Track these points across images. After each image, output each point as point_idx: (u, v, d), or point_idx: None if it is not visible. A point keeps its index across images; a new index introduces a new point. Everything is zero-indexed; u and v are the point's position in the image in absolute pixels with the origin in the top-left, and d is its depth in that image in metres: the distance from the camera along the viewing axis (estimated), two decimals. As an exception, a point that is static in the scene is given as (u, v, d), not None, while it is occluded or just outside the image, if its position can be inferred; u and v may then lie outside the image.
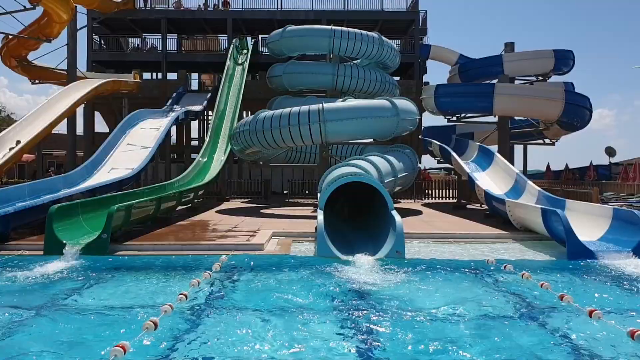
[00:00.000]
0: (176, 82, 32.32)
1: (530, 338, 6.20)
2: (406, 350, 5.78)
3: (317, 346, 5.86)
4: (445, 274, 9.54)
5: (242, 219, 17.21)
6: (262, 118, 18.63)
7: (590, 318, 6.62)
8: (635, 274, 9.75)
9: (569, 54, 27.86)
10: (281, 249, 12.15)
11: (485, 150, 21.03)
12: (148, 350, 5.60)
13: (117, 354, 5.26)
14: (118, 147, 20.99)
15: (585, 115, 24.64)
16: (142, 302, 7.80)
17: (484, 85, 25.74)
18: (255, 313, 7.15)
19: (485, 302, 7.73)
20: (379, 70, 26.03)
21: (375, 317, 6.90)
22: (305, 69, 25.83)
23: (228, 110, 26.89)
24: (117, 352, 5.28)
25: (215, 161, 23.66)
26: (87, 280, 9.28)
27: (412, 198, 25.89)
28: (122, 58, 34.00)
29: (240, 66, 30.34)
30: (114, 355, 5.24)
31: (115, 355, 5.24)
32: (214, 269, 9.50)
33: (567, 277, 9.69)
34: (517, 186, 17.24)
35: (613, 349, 5.80)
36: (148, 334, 5.92)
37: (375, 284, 8.74)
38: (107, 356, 5.38)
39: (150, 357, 5.51)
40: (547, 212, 12.62)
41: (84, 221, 12.85)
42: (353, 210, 15.80)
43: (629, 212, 12.32)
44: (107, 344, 5.94)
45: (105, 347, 5.84)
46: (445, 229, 15.16)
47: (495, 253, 11.70)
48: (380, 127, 18.70)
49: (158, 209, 15.06)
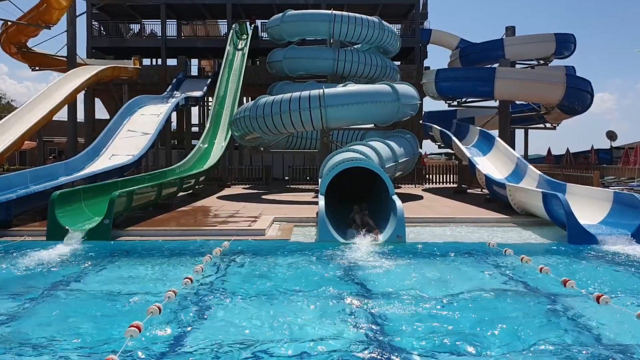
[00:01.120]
0: (176, 68, 32.22)
1: (534, 323, 6.23)
2: (407, 333, 5.82)
3: (318, 330, 5.90)
4: (445, 258, 9.58)
5: (243, 204, 17.25)
6: (262, 104, 18.59)
7: (598, 303, 6.62)
8: (635, 257, 9.79)
9: (570, 37, 27.71)
10: (282, 234, 12.19)
11: (486, 135, 21.01)
12: (152, 334, 5.64)
13: (133, 334, 5.31)
14: (119, 133, 20.96)
15: (586, 99, 24.59)
16: (145, 287, 7.85)
17: (485, 69, 25.66)
18: (257, 298, 7.20)
19: (486, 285, 7.78)
20: (379, 55, 25.93)
21: (375, 301, 6.94)
22: (305, 54, 25.75)
23: (228, 96, 26.82)
24: (133, 332, 5.32)
25: (216, 147, 23.65)
26: (90, 266, 9.34)
27: (413, 183, 25.89)
28: (122, 44, 33.86)
29: (240, 51, 30.22)
30: (130, 335, 5.28)
31: (131, 335, 5.29)
32: (215, 254, 9.55)
33: (567, 261, 9.74)
34: (518, 170, 17.24)
35: (622, 332, 5.83)
36: (152, 319, 5.97)
37: (376, 268, 8.78)
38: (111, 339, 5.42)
39: (154, 341, 5.55)
40: (548, 195, 12.64)
41: (85, 207, 12.89)
42: (354, 195, 15.81)
43: (629, 196, 12.33)
44: (112, 328, 6.01)
45: (110, 331, 5.90)
46: (446, 213, 15.19)
47: (496, 237, 11.73)
48: (381, 112, 18.66)
49: (159, 195, 15.10)
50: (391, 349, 5.38)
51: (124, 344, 5.13)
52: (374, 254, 9.84)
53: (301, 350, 5.34)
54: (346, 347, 5.41)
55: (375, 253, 9.95)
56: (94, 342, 5.58)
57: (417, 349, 5.36)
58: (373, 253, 9.93)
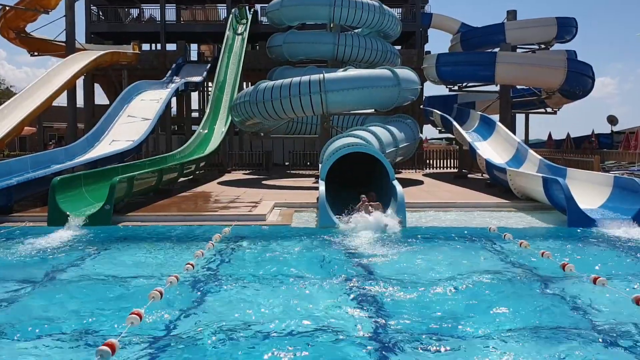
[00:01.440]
0: (175, 53, 32.02)
1: (533, 305, 6.27)
2: (407, 316, 5.85)
3: (318, 314, 5.92)
4: (445, 242, 9.62)
5: (243, 190, 17.26)
6: (262, 89, 18.53)
7: (595, 285, 6.67)
8: (635, 241, 9.81)
9: (571, 21, 27.56)
10: (283, 220, 12.22)
11: (487, 120, 20.98)
12: (152, 319, 5.67)
13: (134, 322, 5.33)
14: (118, 119, 20.92)
15: (587, 83, 24.51)
16: (147, 272, 7.89)
17: (486, 54, 25.54)
18: (258, 282, 7.24)
19: (486, 269, 7.80)
20: (380, 40, 25.78)
21: (375, 284, 6.97)
22: (305, 38, 25.60)
23: (228, 81, 26.72)
24: (134, 320, 5.34)
25: (216, 133, 23.61)
26: (91, 251, 9.37)
27: (414, 168, 25.88)
28: (121, 29, 33.65)
29: (240, 36, 30.04)
30: (130, 323, 5.30)
31: (132, 323, 5.31)
32: (215, 239, 9.57)
33: (567, 245, 9.76)
34: (518, 155, 17.23)
35: (619, 315, 5.86)
36: (154, 304, 6.00)
37: (376, 253, 8.81)
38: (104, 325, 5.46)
39: (154, 325, 5.58)
40: (548, 180, 12.64)
41: (86, 193, 12.90)
42: (355, 180, 15.82)
43: (630, 180, 12.35)
44: (114, 313, 6.04)
45: (112, 316, 5.94)
46: (446, 198, 15.20)
47: (497, 221, 11.75)
48: (382, 96, 18.61)
49: (160, 181, 15.10)
50: (393, 331, 5.41)
51: (124, 329, 5.16)
52: (374, 239, 9.85)
53: (303, 332, 5.38)
54: (348, 329, 5.45)
55: (376, 238, 9.96)
56: (95, 327, 5.62)
57: (419, 331, 5.40)
58: (373, 238, 9.95)
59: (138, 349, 4.99)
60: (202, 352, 4.93)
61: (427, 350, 4.99)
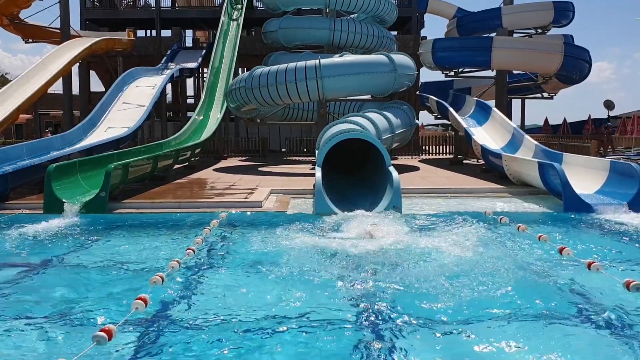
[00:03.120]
0: (170, 39, 31.86)
1: (528, 289, 6.31)
2: (404, 304, 5.88)
3: (314, 301, 5.94)
4: (442, 227, 9.63)
5: (240, 177, 17.25)
6: (257, 75, 18.44)
7: (589, 270, 6.71)
8: (631, 226, 9.86)
9: (568, 5, 27.41)
10: (279, 206, 12.22)
11: (483, 105, 20.95)
12: (152, 304, 5.69)
13: (139, 307, 5.35)
14: (114, 106, 20.85)
15: (584, 68, 24.46)
16: (144, 259, 7.91)
17: (482, 39, 25.42)
18: (254, 269, 7.26)
19: (482, 254, 7.82)
20: (376, 25, 25.65)
21: (373, 271, 7.00)
22: (301, 23, 25.43)
23: (223, 67, 26.61)
24: (139, 305, 5.36)
25: (212, 119, 23.57)
26: (88, 238, 9.39)
27: (410, 154, 25.86)
28: (116, 16, 33.43)
29: (235, 22, 29.85)
30: (135, 308, 5.32)
31: (137, 308, 5.32)
32: (212, 225, 9.59)
33: (563, 230, 9.81)
34: (514, 140, 17.24)
35: (609, 299, 5.90)
36: (155, 288, 6.03)
37: (372, 239, 8.82)
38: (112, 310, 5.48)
39: (154, 311, 5.60)
40: (544, 165, 12.66)
41: (82, 180, 12.89)
42: (351, 166, 15.84)
43: (626, 165, 12.35)
44: (110, 299, 6.07)
45: (109, 302, 5.96)
46: (442, 184, 15.22)
47: (492, 207, 11.77)
48: (378, 82, 18.56)
49: (155, 168, 15.08)
50: (391, 318, 5.44)
51: (125, 315, 5.19)
52: (371, 225, 9.85)
53: (298, 319, 5.40)
54: (344, 316, 5.48)
55: (372, 224, 9.95)
56: (94, 314, 5.63)
57: (413, 316, 5.43)
58: (370, 224, 9.94)
59: (135, 335, 5.01)
60: (198, 339, 4.95)
61: (426, 333, 5.02)
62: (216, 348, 4.76)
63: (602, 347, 4.81)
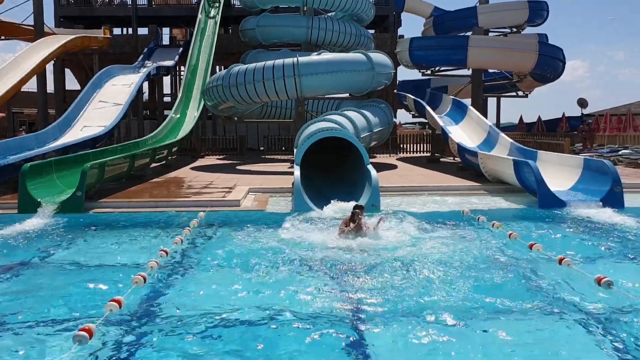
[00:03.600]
0: (147, 37, 31.57)
1: (500, 286, 6.41)
2: (380, 301, 5.93)
3: (292, 300, 5.96)
4: (419, 225, 9.70)
5: (217, 175, 17.19)
6: (235, 72, 18.39)
7: (560, 265, 6.84)
8: (604, 222, 10.04)
9: (543, 5, 27.81)
10: (258, 205, 12.21)
11: (459, 104, 21.16)
12: (131, 303, 5.66)
13: (113, 309, 5.29)
14: (90, 104, 20.62)
15: (558, 66, 24.86)
16: (122, 259, 7.85)
17: (458, 37, 25.68)
18: (233, 268, 7.25)
19: (458, 250, 7.92)
20: (353, 23, 25.73)
21: (349, 269, 7.04)
22: (278, 21, 25.41)
23: (200, 65, 26.48)
24: (112, 307, 5.31)
25: (189, 117, 23.45)
26: (64, 238, 9.29)
27: (388, 152, 26.01)
28: (91, 13, 32.98)
29: (212, 19, 29.68)
30: (109, 310, 5.27)
31: (111, 310, 5.27)
32: (192, 225, 9.54)
33: (537, 226, 9.95)
34: (490, 138, 17.44)
35: (581, 295, 6.01)
36: (137, 289, 5.99)
37: (349, 236, 8.84)
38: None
39: (131, 311, 5.57)
40: (519, 163, 12.83)
41: (58, 179, 12.73)
42: (330, 165, 15.87)
43: (599, 162, 12.59)
44: (88, 299, 6.02)
45: (86, 302, 5.91)
46: (419, 182, 15.34)
47: (469, 204, 11.90)
48: (356, 81, 18.62)
49: (132, 166, 14.97)
50: (366, 314, 5.49)
51: (103, 315, 5.14)
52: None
53: (277, 314, 5.42)
54: (322, 314, 5.51)
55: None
56: (71, 314, 5.59)
57: (386, 314, 5.48)
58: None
59: (114, 335, 4.99)
60: (176, 338, 4.94)
61: (397, 330, 5.06)
62: (195, 346, 4.76)
63: (574, 342, 4.91)
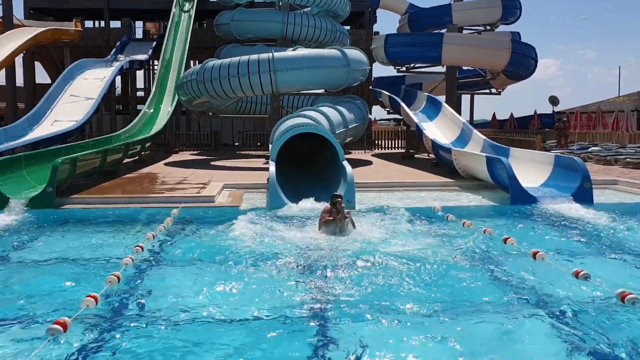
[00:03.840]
0: (120, 30, 31.16)
1: (476, 281, 6.48)
2: (355, 297, 5.94)
3: (267, 297, 5.94)
4: (393, 222, 9.76)
5: (191, 171, 17.06)
6: (210, 67, 18.26)
7: (535, 260, 6.91)
8: (575, 217, 10.22)
9: (515, 3, 28.08)
10: (233, 201, 12.15)
11: (433, 100, 21.32)
12: (105, 300, 5.58)
13: (89, 304, 5.21)
14: (61, 98, 20.33)
15: (530, 64, 25.19)
16: (94, 255, 7.73)
17: (433, 35, 25.84)
18: (206, 265, 7.18)
19: (431, 247, 7.98)
20: (329, 19, 25.72)
21: (320, 265, 7.04)
22: (254, 16, 25.28)
23: (174, 60, 26.24)
24: (89, 302, 5.22)
25: (162, 112, 23.24)
26: (36, 235, 9.11)
27: (363, 149, 26.12)
28: (62, 5, 32.37)
29: (187, 13, 29.40)
30: (86, 305, 5.18)
31: (87, 305, 5.18)
32: (166, 223, 9.43)
33: (509, 222, 10.09)
34: (463, 135, 17.61)
35: (559, 289, 6.10)
36: (110, 288, 5.91)
37: (324, 233, 8.85)
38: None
39: (102, 311, 5.50)
40: (492, 160, 12.98)
41: (27, 175, 12.49)
42: (306, 160, 15.87)
43: (569, 159, 12.81)
44: (59, 297, 5.92)
45: (57, 300, 5.82)
46: (394, 178, 15.44)
47: (442, 201, 12.00)
48: (332, 77, 18.63)
49: (104, 162, 14.77)
50: (335, 310, 5.49)
51: (77, 311, 5.06)
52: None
53: (249, 315, 5.40)
54: (293, 312, 5.50)
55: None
56: (44, 311, 5.48)
57: (357, 311, 5.48)
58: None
59: (87, 333, 4.91)
60: (149, 337, 4.89)
61: (365, 327, 5.07)
62: (168, 344, 4.72)
63: (547, 336, 4.99)
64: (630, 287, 5.80)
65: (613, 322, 5.09)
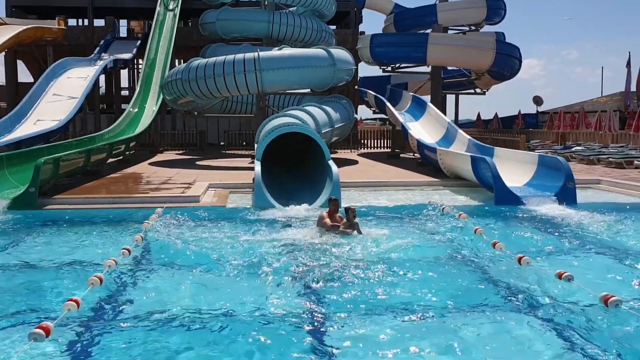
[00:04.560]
0: (104, 28, 30.88)
1: (462, 282, 6.50)
2: (344, 298, 5.93)
3: (250, 297, 5.91)
4: (380, 220, 9.77)
5: (176, 171, 16.96)
6: (195, 66, 18.15)
7: (520, 265, 6.86)
8: (557, 217, 10.29)
9: (500, 3, 28.26)
10: (218, 201, 12.09)
11: (419, 100, 21.39)
12: (88, 303, 5.52)
13: (71, 308, 5.13)
14: (44, 97, 20.13)
15: (515, 64, 25.37)
16: (79, 257, 7.64)
17: (418, 35, 25.92)
18: (191, 266, 7.13)
19: (416, 244, 8.01)
20: (314, 19, 25.69)
21: (309, 265, 7.03)
22: (239, 15, 25.19)
23: (159, 59, 26.05)
24: (71, 306, 5.14)
25: (147, 111, 23.07)
26: (18, 236, 9.00)
27: (349, 148, 26.15)
28: (45, 3, 32.01)
29: (172, 12, 29.20)
30: (67, 309, 5.10)
31: (69, 309, 5.11)
32: (151, 222, 9.34)
33: (494, 221, 10.11)
34: (448, 135, 17.69)
35: (542, 290, 6.12)
36: (93, 290, 5.83)
37: (312, 233, 8.85)
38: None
39: (88, 311, 5.44)
40: (476, 159, 13.04)
41: (9, 175, 12.36)
42: (291, 160, 15.84)
43: (553, 159, 12.92)
44: (42, 298, 5.86)
45: (40, 301, 5.75)
46: (380, 177, 15.47)
47: (428, 199, 12.01)
48: (317, 76, 18.62)
49: (88, 162, 14.63)
50: (326, 310, 5.49)
51: (59, 315, 4.99)
52: (309, 219, 9.89)
53: (234, 315, 5.37)
54: (276, 311, 5.48)
55: (310, 218, 9.99)
56: (25, 314, 5.42)
57: (349, 310, 5.49)
58: (308, 218, 9.99)
59: (72, 334, 4.86)
60: (133, 338, 4.84)
61: (355, 326, 5.07)
62: (154, 346, 4.68)
63: (534, 337, 5.01)
64: (610, 288, 5.85)
65: (596, 324, 5.12)
